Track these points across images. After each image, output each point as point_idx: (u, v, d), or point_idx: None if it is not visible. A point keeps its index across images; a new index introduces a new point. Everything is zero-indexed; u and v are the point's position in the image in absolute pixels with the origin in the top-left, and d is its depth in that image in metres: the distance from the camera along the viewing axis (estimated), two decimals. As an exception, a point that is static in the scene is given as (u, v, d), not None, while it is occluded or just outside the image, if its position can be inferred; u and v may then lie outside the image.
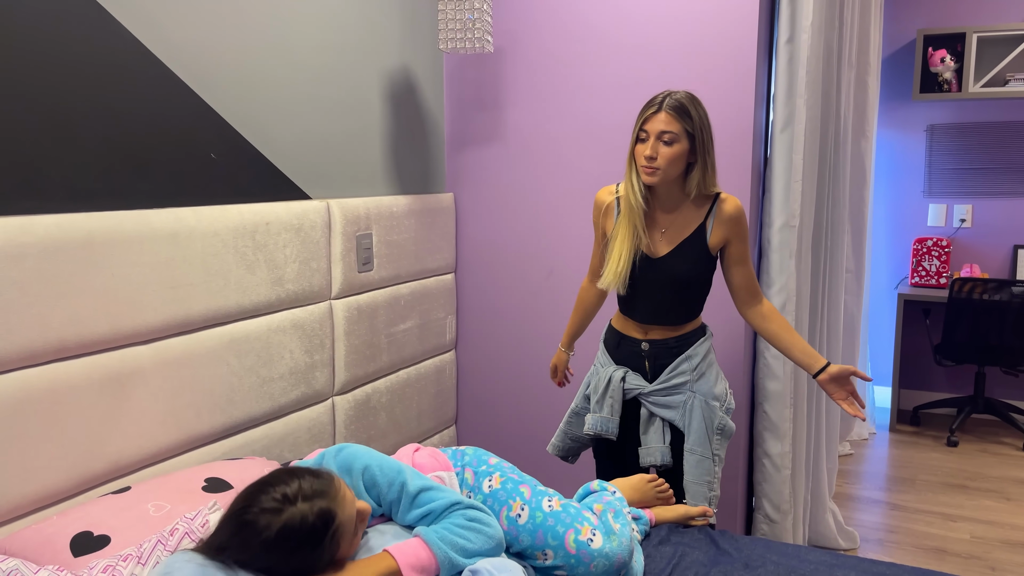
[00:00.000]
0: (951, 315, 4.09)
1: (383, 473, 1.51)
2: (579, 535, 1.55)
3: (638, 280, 2.05)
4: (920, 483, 3.63)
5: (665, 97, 1.92)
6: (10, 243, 1.52)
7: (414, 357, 2.83)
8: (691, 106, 1.90)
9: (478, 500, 1.64)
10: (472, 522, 1.46)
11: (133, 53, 1.80)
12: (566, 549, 1.54)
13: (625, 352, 2.15)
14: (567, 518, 1.58)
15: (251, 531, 1.26)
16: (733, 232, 2.01)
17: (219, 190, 2.06)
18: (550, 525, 1.57)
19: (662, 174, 1.92)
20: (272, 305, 2.17)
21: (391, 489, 1.50)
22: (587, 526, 1.57)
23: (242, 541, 1.26)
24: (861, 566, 1.68)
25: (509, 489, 1.63)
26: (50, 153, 1.64)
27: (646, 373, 2.12)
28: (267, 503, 1.27)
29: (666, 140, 1.90)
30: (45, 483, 1.62)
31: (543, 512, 1.58)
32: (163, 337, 1.88)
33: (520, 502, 1.61)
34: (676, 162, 1.92)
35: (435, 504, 1.48)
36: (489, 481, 1.66)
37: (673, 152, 1.90)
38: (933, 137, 4.49)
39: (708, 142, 1.94)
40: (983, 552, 2.97)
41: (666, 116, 1.89)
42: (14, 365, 1.55)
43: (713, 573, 1.65)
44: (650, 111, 1.92)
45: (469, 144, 3.01)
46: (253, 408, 2.12)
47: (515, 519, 1.59)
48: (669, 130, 1.89)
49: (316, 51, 2.35)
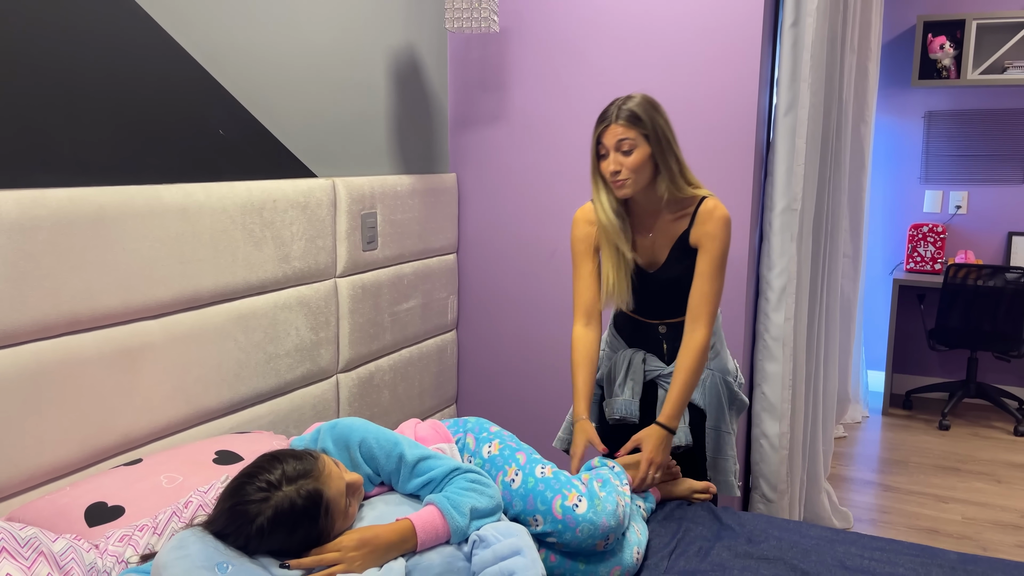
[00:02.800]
0: (945, 301, 4.13)
1: (380, 445, 1.54)
2: (565, 500, 1.58)
3: (641, 292, 2.06)
4: (913, 465, 3.69)
5: (615, 109, 1.89)
6: (24, 215, 1.53)
7: (416, 336, 2.85)
8: (641, 111, 1.87)
9: (477, 464, 1.68)
10: (474, 484, 1.51)
11: (145, 30, 1.80)
12: (553, 514, 1.57)
13: (641, 336, 2.14)
14: (556, 484, 1.61)
15: (244, 521, 1.29)
16: (704, 236, 1.94)
17: (227, 167, 2.06)
18: (540, 491, 1.60)
19: (632, 183, 1.90)
20: (279, 282, 2.18)
21: (389, 460, 1.54)
22: (574, 492, 1.60)
23: (238, 530, 1.29)
24: (860, 541, 1.71)
25: (506, 455, 1.67)
26: (62, 128, 1.64)
27: (663, 355, 2.12)
28: (254, 494, 1.30)
29: (625, 149, 1.87)
30: (58, 454, 1.63)
31: (535, 478, 1.62)
32: (173, 312, 1.89)
33: (515, 468, 1.64)
34: (642, 168, 1.89)
35: (435, 472, 1.52)
36: (488, 447, 1.70)
37: (635, 160, 1.87)
38: (931, 124, 4.52)
39: (667, 143, 1.90)
40: (974, 533, 3.02)
41: (617, 127, 1.87)
42: (28, 337, 1.57)
43: (717, 547, 1.68)
44: (603, 126, 1.90)
45: (473, 124, 3.02)
46: (260, 384, 2.14)
47: (509, 484, 1.62)
48: (625, 137, 1.86)
49: (323, 30, 2.34)
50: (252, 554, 1.30)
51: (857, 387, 4.31)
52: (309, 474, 1.35)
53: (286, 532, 1.31)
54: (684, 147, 2.68)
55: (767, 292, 2.70)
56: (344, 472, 1.43)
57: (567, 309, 2.96)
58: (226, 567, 1.22)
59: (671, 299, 2.06)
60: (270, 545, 1.31)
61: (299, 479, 1.33)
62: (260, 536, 1.29)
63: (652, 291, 2.07)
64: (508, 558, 1.39)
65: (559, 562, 1.57)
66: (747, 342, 2.74)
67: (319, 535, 1.35)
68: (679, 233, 1.99)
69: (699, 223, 1.95)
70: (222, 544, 1.28)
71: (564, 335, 2.97)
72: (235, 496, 1.31)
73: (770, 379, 2.71)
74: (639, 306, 2.11)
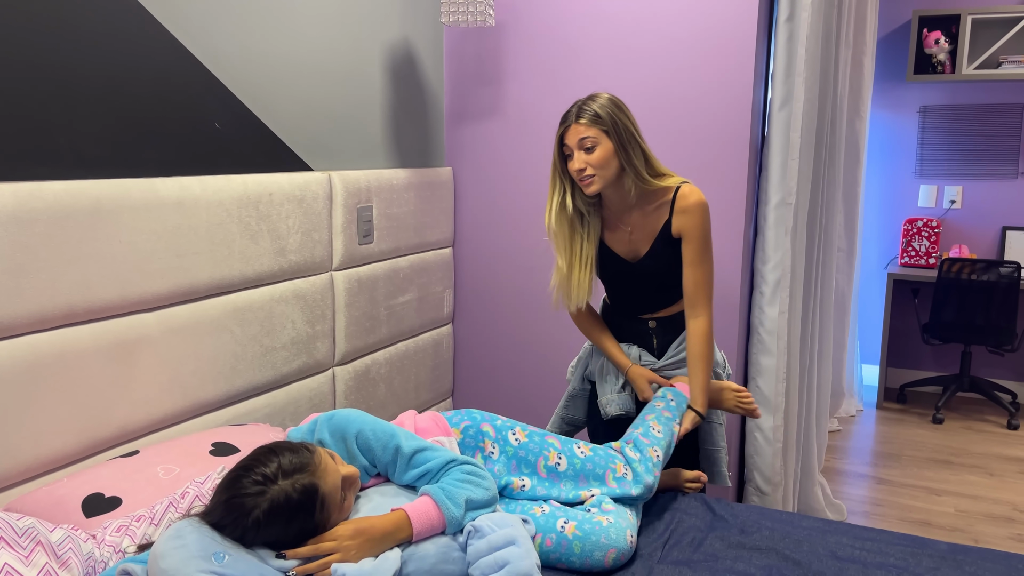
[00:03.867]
0: (939, 295, 4.15)
1: (376, 437, 1.56)
2: (615, 473, 1.74)
3: (623, 284, 2.10)
4: (906, 458, 3.71)
5: (575, 108, 1.93)
6: (21, 207, 1.54)
7: (412, 330, 2.86)
8: (601, 109, 1.91)
9: (504, 451, 1.74)
10: (470, 475, 1.54)
11: (141, 24, 1.81)
12: (608, 487, 1.73)
13: (631, 331, 2.17)
14: (601, 460, 1.76)
15: (240, 514, 1.30)
16: (684, 224, 1.98)
17: (223, 160, 2.07)
18: (589, 469, 1.74)
19: (599, 179, 1.94)
20: (275, 275, 2.19)
21: (385, 452, 1.56)
22: (619, 464, 1.76)
23: (234, 522, 1.30)
24: (852, 532, 1.73)
25: (538, 441, 1.77)
26: (59, 120, 1.65)
27: (653, 349, 2.15)
28: (250, 487, 1.31)
29: (588, 147, 1.91)
30: (55, 446, 1.64)
31: (579, 459, 1.75)
32: (169, 305, 1.89)
33: (555, 453, 1.75)
34: (607, 164, 1.92)
35: (431, 463, 1.54)
36: (514, 435, 1.77)
37: (598, 156, 1.91)
38: (925, 118, 4.53)
39: (629, 138, 1.93)
40: (966, 525, 3.05)
41: (579, 126, 1.91)
42: (24, 329, 1.57)
43: (710, 538, 1.69)
44: (564, 126, 1.95)
45: (468, 118, 3.02)
46: (256, 377, 2.14)
47: (555, 467, 1.74)
48: (587, 136, 1.90)
49: (319, 23, 2.35)
50: (248, 545, 1.31)
51: (851, 381, 4.33)
52: (305, 468, 1.36)
53: (282, 525, 1.32)
54: (679, 141, 2.69)
55: (761, 286, 2.72)
56: (340, 465, 1.44)
57: (563, 303, 2.97)
58: (222, 556, 1.23)
59: (656, 292, 2.09)
60: (266, 537, 1.32)
61: (295, 473, 1.34)
62: (256, 528, 1.30)
63: (636, 283, 2.09)
64: (502, 548, 1.41)
65: (555, 546, 1.59)
66: (741, 335, 2.75)
67: (315, 527, 1.36)
68: (660, 225, 2.02)
69: (677, 212, 1.99)
70: (218, 535, 1.29)
71: (559, 329, 2.98)
72: (231, 489, 1.32)
73: (764, 372, 2.72)
74: (625, 301, 2.14)
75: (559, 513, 1.64)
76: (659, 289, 2.09)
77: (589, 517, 1.62)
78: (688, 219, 1.98)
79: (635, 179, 1.96)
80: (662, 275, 2.06)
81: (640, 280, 2.08)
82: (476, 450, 1.74)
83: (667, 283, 2.07)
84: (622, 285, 2.12)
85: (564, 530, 1.60)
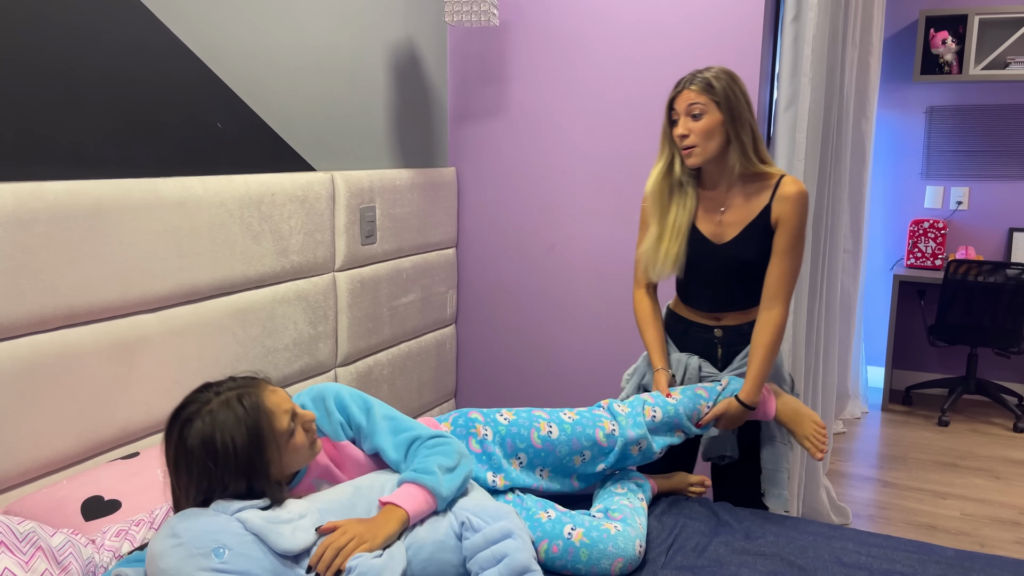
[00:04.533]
0: (945, 296, 4.12)
1: (353, 399, 1.62)
2: (604, 431, 1.81)
3: (702, 267, 1.98)
4: (911, 461, 3.69)
5: (689, 76, 1.88)
6: (21, 208, 1.53)
7: (415, 331, 2.85)
8: (715, 80, 1.85)
9: (497, 431, 1.77)
10: (435, 445, 1.56)
11: (143, 23, 1.79)
12: (600, 445, 1.79)
13: (695, 339, 2.05)
14: (588, 421, 1.81)
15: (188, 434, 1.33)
16: (783, 212, 1.89)
17: (225, 160, 2.06)
18: (579, 431, 1.79)
19: (700, 151, 1.87)
20: (277, 276, 2.18)
21: (360, 412, 1.60)
22: (607, 422, 1.82)
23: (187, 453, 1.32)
24: (858, 538, 1.71)
25: (526, 416, 1.81)
26: (59, 120, 1.64)
27: (717, 360, 2.03)
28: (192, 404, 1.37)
29: (695, 113, 1.85)
30: (55, 447, 1.63)
31: (568, 423, 1.80)
32: (170, 305, 1.88)
33: (545, 423, 1.80)
34: (712, 135, 1.86)
35: (404, 435, 1.58)
36: (501, 416, 1.81)
37: (704, 125, 1.85)
38: (932, 119, 4.50)
39: (740, 114, 1.86)
40: (972, 529, 3.02)
41: (689, 92, 1.86)
42: (24, 330, 1.56)
43: (714, 543, 1.68)
44: (676, 91, 1.90)
45: (472, 118, 3.01)
46: (258, 378, 2.13)
47: (548, 436, 1.78)
48: (696, 102, 1.84)
49: (322, 22, 2.33)
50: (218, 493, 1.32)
51: (857, 383, 4.30)
52: (248, 387, 1.41)
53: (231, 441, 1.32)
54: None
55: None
56: (295, 406, 1.46)
57: (566, 303, 2.96)
58: (222, 552, 1.21)
59: (732, 284, 1.97)
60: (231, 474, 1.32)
61: (238, 389, 1.39)
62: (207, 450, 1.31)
63: (714, 271, 1.97)
64: (499, 541, 1.41)
65: (561, 553, 1.58)
66: (746, 337, 2.73)
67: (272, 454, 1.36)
68: (758, 210, 1.92)
69: (779, 200, 1.89)
70: (214, 523, 1.26)
71: (563, 329, 2.97)
72: (179, 432, 1.34)
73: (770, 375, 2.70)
74: (696, 292, 2.02)
75: (566, 519, 1.62)
76: (736, 281, 1.97)
77: (597, 524, 1.61)
78: (788, 207, 1.88)
79: (740, 156, 1.88)
80: (743, 265, 1.94)
81: (719, 267, 1.96)
82: (469, 436, 1.76)
83: (745, 276, 1.96)
84: (698, 271, 1.99)
85: (571, 537, 1.58)
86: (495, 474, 1.74)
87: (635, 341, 2.89)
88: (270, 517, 1.30)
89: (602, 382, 2.96)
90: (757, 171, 1.92)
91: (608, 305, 2.91)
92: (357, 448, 1.62)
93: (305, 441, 1.45)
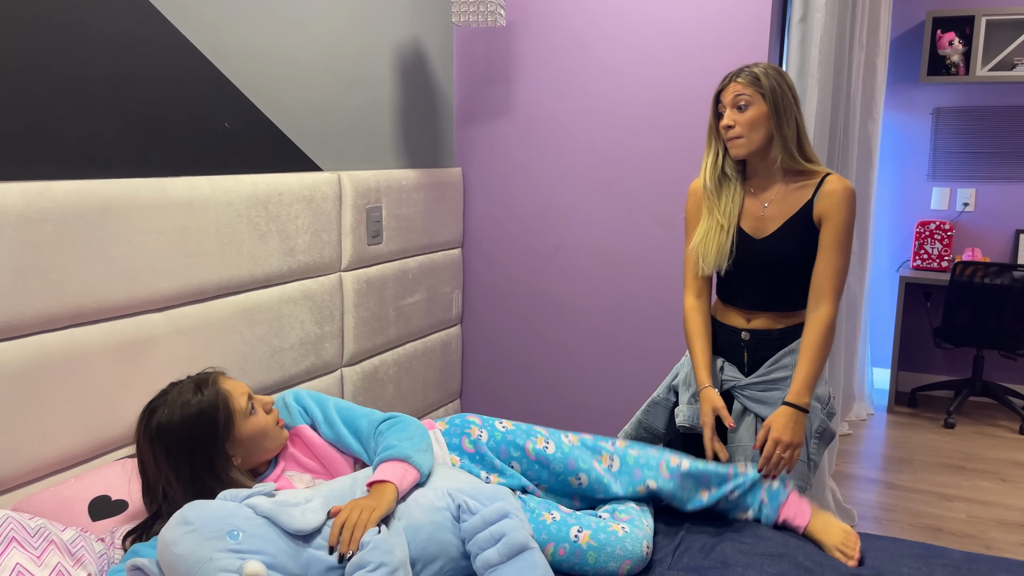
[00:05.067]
0: (952, 298, 4.11)
1: (312, 397, 1.75)
2: (602, 464, 1.78)
3: (740, 262, 1.96)
4: (917, 463, 3.68)
5: (737, 69, 1.89)
6: (30, 207, 1.53)
7: (421, 331, 2.85)
8: (762, 74, 1.86)
9: (493, 436, 1.79)
10: (392, 424, 1.66)
11: (151, 24, 1.80)
12: (597, 472, 1.75)
13: (723, 341, 2.02)
14: (588, 449, 1.80)
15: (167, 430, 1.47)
16: (829, 208, 1.86)
17: (232, 160, 2.06)
18: (577, 455, 1.76)
19: (746, 141, 1.87)
20: (284, 275, 2.18)
21: (319, 406, 1.73)
22: (605, 455, 1.80)
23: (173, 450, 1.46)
24: (865, 540, 1.71)
25: (524, 428, 1.81)
26: (68, 119, 1.64)
27: (743, 365, 1.99)
28: (156, 403, 1.52)
29: (741, 104, 1.86)
30: (62, 446, 1.63)
31: (568, 444, 1.79)
32: (177, 305, 1.89)
33: (543, 437, 1.79)
34: (757, 126, 1.86)
35: (359, 424, 1.69)
36: (500, 423, 1.81)
37: (750, 116, 1.85)
38: (939, 120, 4.49)
39: (785, 108, 1.86)
40: (979, 531, 3.02)
41: (736, 84, 1.87)
42: (32, 329, 1.57)
43: (721, 544, 1.68)
44: (723, 83, 1.90)
45: (478, 119, 3.01)
46: (264, 377, 2.14)
47: (543, 450, 1.76)
48: (742, 93, 1.85)
49: (329, 23, 2.34)
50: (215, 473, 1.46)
51: (862, 384, 4.30)
52: (204, 378, 1.56)
53: (190, 419, 1.47)
54: (691, 142, 2.67)
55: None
56: (251, 392, 1.61)
57: (572, 304, 2.96)
58: (236, 535, 1.23)
59: (767, 281, 1.95)
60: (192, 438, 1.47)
61: (195, 379, 1.55)
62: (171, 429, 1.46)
63: (752, 265, 1.95)
64: (497, 521, 1.43)
65: (568, 555, 1.57)
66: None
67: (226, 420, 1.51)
68: (800, 204, 1.91)
69: (823, 196, 1.88)
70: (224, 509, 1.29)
71: (568, 329, 2.97)
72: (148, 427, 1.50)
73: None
74: (731, 288, 2.00)
75: (571, 520, 1.62)
76: (771, 277, 1.94)
77: (604, 525, 1.60)
78: (834, 202, 1.86)
79: (782, 150, 1.87)
80: (781, 261, 1.91)
81: (757, 262, 1.94)
82: (463, 435, 1.77)
83: (781, 274, 1.93)
84: (736, 266, 1.96)
85: (578, 539, 1.58)
86: (488, 473, 1.74)
87: (640, 340, 2.89)
88: (278, 502, 1.35)
89: (607, 381, 2.96)
90: (800, 168, 1.91)
91: (613, 305, 2.91)
92: (316, 433, 1.71)
93: (269, 420, 1.59)
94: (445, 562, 1.42)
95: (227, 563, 1.19)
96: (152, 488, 1.48)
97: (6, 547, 1.21)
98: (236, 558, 1.20)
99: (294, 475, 1.63)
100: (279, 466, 1.64)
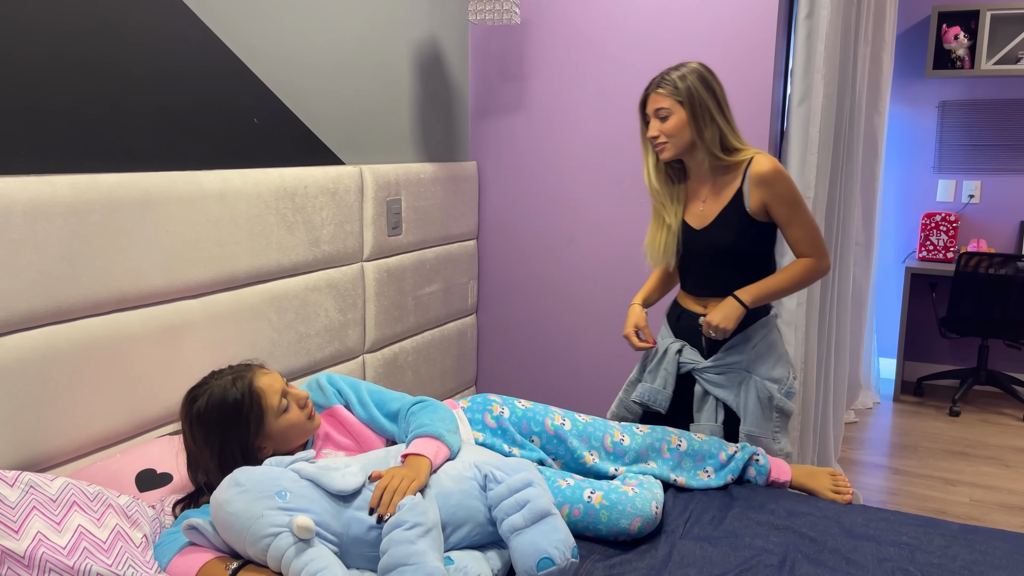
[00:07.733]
0: (957, 289, 4.18)
1: (345, 380, 1.86)
2: (613, 437, 1.92)
3: (690, 252, 2.10)
4: (922, 450, 3.75)
5: (658, 77, 2.01)
6: (78, 199, 1.63)
7: (438, 319, 2.94)
8: (679, 80, 1.96)
9: (514, 412, 1.91)
10: (424, 406, 1.76)
11: (188, 26, 1.89)
12: (606, 449, 1.90)
13: (684, 326, 2.16)
14: (601, 426, 1.95)
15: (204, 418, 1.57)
16: (767, 193, 1.96)
17: (261, 154, 2.16)
18: (590, 432, 1.92)
19: (671, 146, 2.00)
20: (309, 265, 2.28)
21: (351, 389, 1.83)
22: (616, 431, 1.94)
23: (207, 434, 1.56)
24: (867, 512, 1.79)
25: (543, 409, 1.94)
26: (110, 116, 1.74)
27: (702, 349, 2.12)
28: (198, 392, 1.61)
29: (662, 116, 1.99)
30: (107, 424, 1.73)
31: (581, 422, 1.94)
32: (211, 292, 1.98)
33: (560, 415, 1.93)
34: (680, 132, 1.98)
35: (390, 405, 1.80)
36: (520, 403, 1.93)
37: (671, 125, 1.98)
38: (944, 113, 4.55)
39: (704, 111, 1.96)
40: (981, 515, 3.09)
41: (655, 96, 2.00)
42: (80, 313, 1.66)
43: (730, 516, 1.76)
44: (644, 95, 2.04)
45: (493, 114, 3.10)
46: (291, 362, 2.23)
47: (561, 426, 1.90)
48: (660, 106, 1.98)
49: (351, 23, 2.43)
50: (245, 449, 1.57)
51: (868, 373, 4.37)
52: (241, 371, 1.64)
53: (226, 410, 1.57)
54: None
55: (780, 278, 2.77)
56: (289, 385, 1.69)
57: (584, 294, 3.05)
58: (284, 495, 1.33)
59: (718, 269, 2.06)
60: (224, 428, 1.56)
61: (231, 374, 1.64)
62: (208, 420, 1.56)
63: (698, 254, 2.09)
64: (521, 490, 1.53)
65: (583, 515, 1.67)
66: (760, 326, 2.81)
67: (260, 419, 1.60)
68: (730, 196, 2.02)
69: (754, 184, 1.98)
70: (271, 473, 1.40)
71: (580, 319, 3.06)
72: (186, 396, 1.63)
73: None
74: (686, 275, 2.16)
75: (585, 484, 1.72)
76: (717, 265, 2.06)
77: (615, 487, 1.70)
78: (765, 185, 1.96)
79: (706, 152, 1.99)
80: (724, 250, 2.03)
81: (701, 251, 2.07)
82: (485, 412, 1.89)
83: (725, 261, 2.04)
84: (686, 257, 2.11)
85: (591, 500, 1.68)
86: (510, 447, 1.85)
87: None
88: (320, 465, 1.45)
89: (618, 370, 3.04)
90: (727, 162, 2.03)
91: (624, 296, 2.99)
92: (349, 412, 1.81)
93: (302, 416, 1.67)
94: (472, 527, 1.52)
95: (277, 519, 1.30)
96: (194, 464, 1.59)
97: (68, 510, 1.31)
98: (285, 515, 1.30)
99: (328, 453, 1.73)
100: (315, 447, 1.74)
